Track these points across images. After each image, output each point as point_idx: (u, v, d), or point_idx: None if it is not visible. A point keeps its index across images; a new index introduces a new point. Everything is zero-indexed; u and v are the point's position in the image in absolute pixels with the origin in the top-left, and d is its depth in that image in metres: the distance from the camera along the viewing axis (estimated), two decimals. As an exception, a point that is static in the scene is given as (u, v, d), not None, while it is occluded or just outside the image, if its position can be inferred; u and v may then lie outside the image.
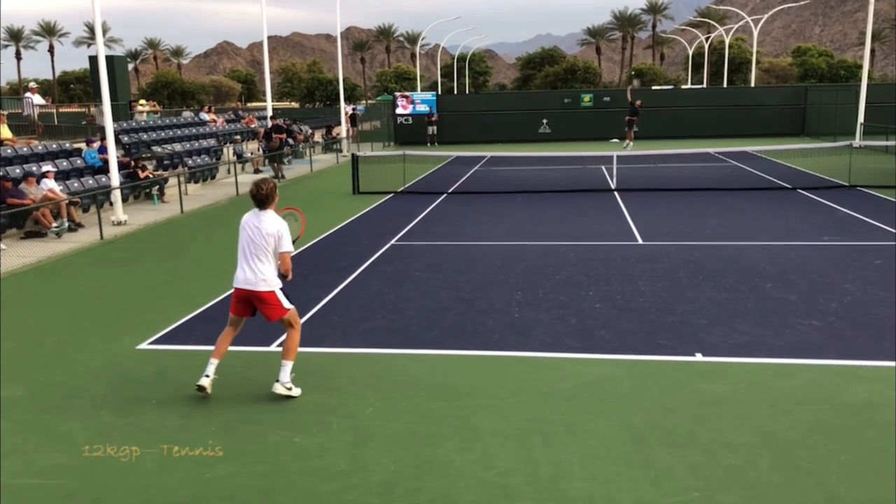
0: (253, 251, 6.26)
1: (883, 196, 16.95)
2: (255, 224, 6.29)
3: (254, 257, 6.26)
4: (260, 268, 6.26)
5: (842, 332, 7.73)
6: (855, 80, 58.09)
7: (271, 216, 6.34)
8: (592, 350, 7.39)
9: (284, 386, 6.30)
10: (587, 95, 39.68)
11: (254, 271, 6.26)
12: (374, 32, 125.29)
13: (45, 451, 5.55)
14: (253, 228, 6.29)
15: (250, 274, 6.27)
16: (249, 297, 6.35)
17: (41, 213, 14.38)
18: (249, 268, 6.28)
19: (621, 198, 17.60)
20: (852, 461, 5.08)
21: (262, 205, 6.34)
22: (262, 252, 6.25)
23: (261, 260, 6.26)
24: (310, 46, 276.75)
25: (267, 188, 6.36)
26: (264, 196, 6.32)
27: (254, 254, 6.26)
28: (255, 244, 6.25)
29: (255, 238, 6.25)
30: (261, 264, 6.26)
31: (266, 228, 6.24)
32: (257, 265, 6.25)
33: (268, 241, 6.24)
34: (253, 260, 6.26)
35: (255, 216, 6.34)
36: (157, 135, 25.05)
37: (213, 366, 6.42)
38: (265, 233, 6.23)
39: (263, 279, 6.27)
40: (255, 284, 6.27)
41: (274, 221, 6.31)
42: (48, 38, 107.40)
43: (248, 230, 6.32)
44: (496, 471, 5.07)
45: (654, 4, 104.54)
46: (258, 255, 6.25)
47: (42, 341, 8.17)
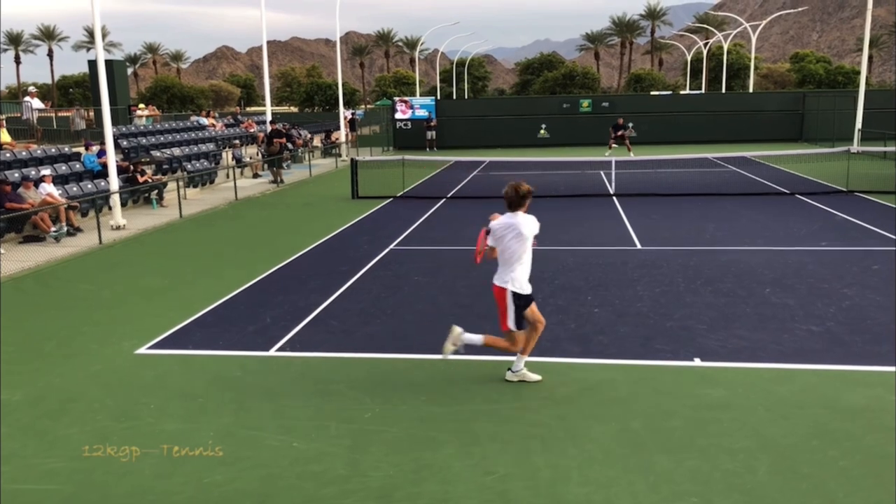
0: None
1: (880, 201, 16.98)
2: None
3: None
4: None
5: (840, 336, 7.74)
6: (853, 86, 58.26)
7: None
8: (591, 355, 7.40)
9: (516, 374, 6.55)
10: (586, 101, 39.75)
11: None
12: (374, 37, 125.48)
13: (43, 455, 5.54)
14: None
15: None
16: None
17: (40, 218, 14.39)
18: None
19: (620, 203, 17.62)
20: (851, 466, 5.08)
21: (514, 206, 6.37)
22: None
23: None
24: (309, 51, 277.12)
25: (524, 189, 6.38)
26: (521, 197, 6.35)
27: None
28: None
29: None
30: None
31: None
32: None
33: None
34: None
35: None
36: (157, 139, 25.08)
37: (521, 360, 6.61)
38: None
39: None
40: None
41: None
42: (47, 42, 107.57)
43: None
44: (495, 475, 5.07)
45: (653, 10, 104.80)
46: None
47: (40, 345, 8.16)
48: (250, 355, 7.60)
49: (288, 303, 9.51)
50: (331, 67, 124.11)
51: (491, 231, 6.59)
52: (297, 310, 9.17)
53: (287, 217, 17.38)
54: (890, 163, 23.23)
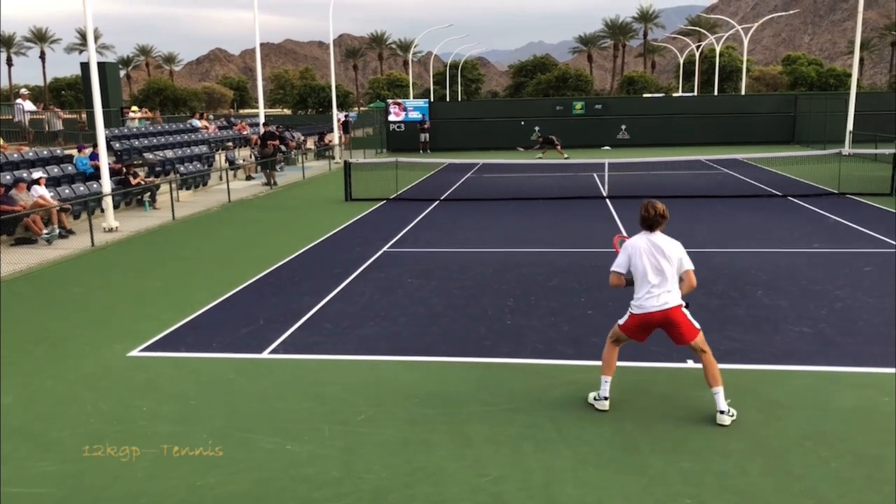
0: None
1: (872, 203, 17.06)
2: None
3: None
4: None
5: (832, 338, 7.78)
6: (844, 89, 58.59)
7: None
8: (584, 357, 7.40)
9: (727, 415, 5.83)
10: (579, 103, 39.83)
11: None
12: (367, 40, 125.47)
13: (36, 458, 5.51)
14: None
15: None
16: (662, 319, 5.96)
17: (32, 220, 14.32)
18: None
19: (613, 205, 17.66)
20: (843, 467, 5.10)
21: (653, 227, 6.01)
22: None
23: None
24: (302, 53, 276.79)
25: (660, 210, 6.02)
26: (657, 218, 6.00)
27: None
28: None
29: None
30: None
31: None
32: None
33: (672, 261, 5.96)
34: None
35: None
36: (149, 141, 25.01)
37: (607, 384, 6.15)
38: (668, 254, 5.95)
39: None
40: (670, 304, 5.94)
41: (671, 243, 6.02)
42: (39, 44, 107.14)
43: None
44: (488, 477, 5.07)
45: (646, 13, 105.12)
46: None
47: (32, 348, 8.12)
48: (243, 358, 7.58)
49: (281, 305, 9.50)
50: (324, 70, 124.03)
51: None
52: (290, 312, 9.15)
53: (280, 219, 17.35)
54: (881, 165, 23.34)
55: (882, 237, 13.09)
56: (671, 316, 5.91)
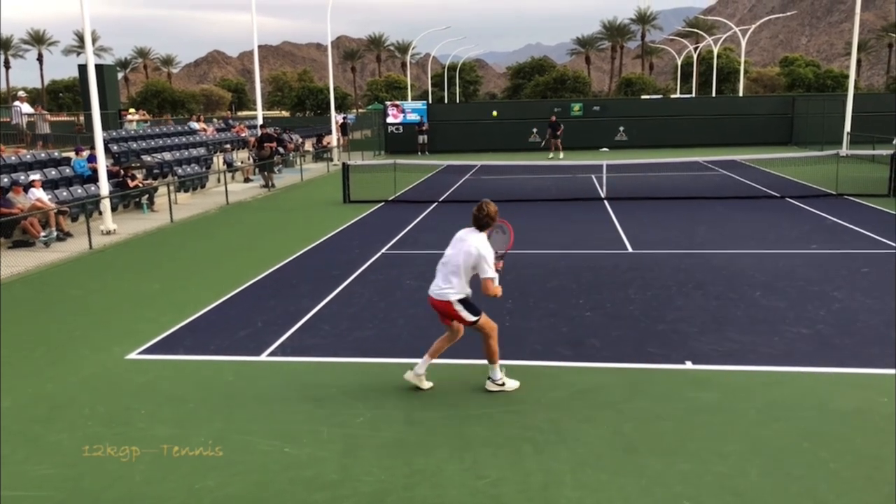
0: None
1: (869, 204, 17.09)
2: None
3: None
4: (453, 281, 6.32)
5: (830, 339, 7.78)
6: (841, 90, 58.67)
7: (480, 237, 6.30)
8: (583, 358, 7.40)
9: (496, 383, 6.48)
10: (577, 105, 39.85)
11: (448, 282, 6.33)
12: (365, 42, 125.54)
13: (34, 462, 5.50)
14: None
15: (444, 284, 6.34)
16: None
17: (29, 223, 14.31)
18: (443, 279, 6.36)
19: (611, 206, 17.66)
20: (841, 468, 5.10)
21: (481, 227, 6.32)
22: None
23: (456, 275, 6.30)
24: (300, 55, 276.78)
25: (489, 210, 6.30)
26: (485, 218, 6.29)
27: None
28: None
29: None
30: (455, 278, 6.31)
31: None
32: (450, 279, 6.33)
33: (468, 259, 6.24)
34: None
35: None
36: (147, 143, 24.99)
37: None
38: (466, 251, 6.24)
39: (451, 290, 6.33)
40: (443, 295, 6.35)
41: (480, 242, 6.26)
42: (37, 46, 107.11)
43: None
44: (487, 480, 5.07)
45: (643, 14, 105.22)
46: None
47: (30, 351, 8.11)
48: (241, 360, 7.57)
49: (279, 307, 9.49)
50: (322, 72, 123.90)
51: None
52: (288, 314, 9.14)
53: (278, 221, 17.34)
54: (878, 166, 23.38)
55: (880, 238, 13.11)
56: (442, 307, 6.36)
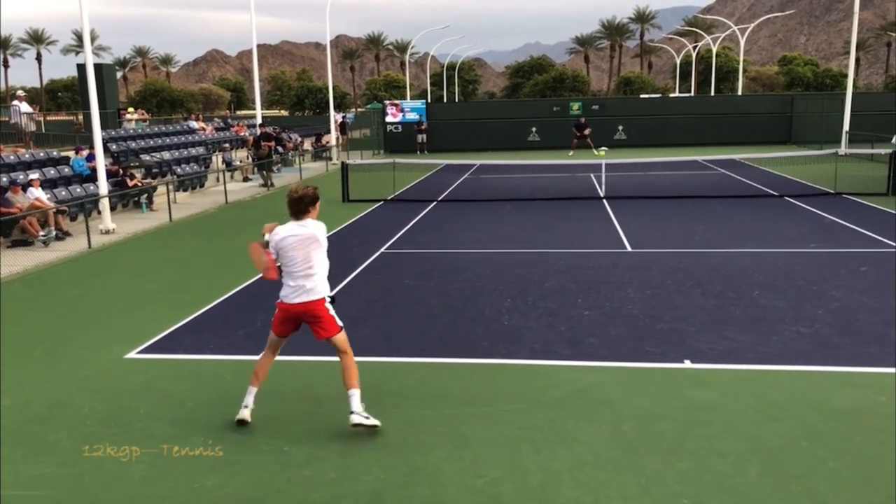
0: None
1: (868, 203, 17.10)
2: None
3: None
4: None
5: (829, 338, 7.79)
6: (840, 89, 58.65)
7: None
8: (582, 357, 7.40)
9: (360, 415, 5.70)
10: (576, 104, 39.85)
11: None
12: (364, 41, 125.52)
13: (32, 461, 5.50)
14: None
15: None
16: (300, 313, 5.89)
17: (28, 222, 14.29)
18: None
19: (610, 205, 17.67)
20: (840, 467, 5.11)
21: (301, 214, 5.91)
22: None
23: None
24: (299, 55, 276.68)
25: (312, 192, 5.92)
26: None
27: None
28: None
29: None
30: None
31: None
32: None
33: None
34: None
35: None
36: (146, 143, 24.98)
37: (251, 395, 5.98)
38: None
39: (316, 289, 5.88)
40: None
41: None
42: (36, 45, 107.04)
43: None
44: (486, 479, 5.07)
45: (642, 14, 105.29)
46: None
47: (29, 351, 8.10)
48: (240, 359, 7.56)
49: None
50: (321, 71, 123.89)
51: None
52: (287, 314, 9.12)
53: (277, 220, 17.29)
54: (877, 165, 23.38)
55: (879, 237, 13.12)
56: (312, 309, 5.80)
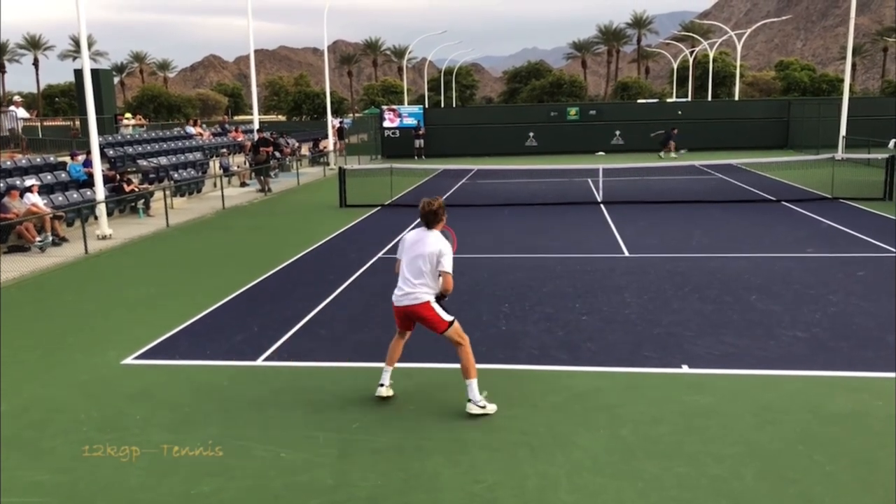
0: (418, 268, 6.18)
1: (865, 208, 17.13)
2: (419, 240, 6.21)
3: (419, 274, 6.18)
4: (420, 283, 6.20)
5: (826, 342, 7.80)
6: (837, 94, 58.81)
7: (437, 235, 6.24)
8: (579, 362, 7.40)
9: (477, 405, 6.13)
10: (573, 109, 39.94)
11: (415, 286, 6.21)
12: (362, 46, 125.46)
13: (27, 467, 5.48)
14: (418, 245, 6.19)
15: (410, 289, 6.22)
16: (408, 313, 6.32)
17: (25, 228, 14.28)
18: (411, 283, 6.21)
19: (607, 210, 17.69)
20: (837, 471, 5.11)
21: (430, 224, 6.23)
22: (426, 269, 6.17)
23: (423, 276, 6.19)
24: (297, 60, 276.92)
25: (437, 204, 6.24)
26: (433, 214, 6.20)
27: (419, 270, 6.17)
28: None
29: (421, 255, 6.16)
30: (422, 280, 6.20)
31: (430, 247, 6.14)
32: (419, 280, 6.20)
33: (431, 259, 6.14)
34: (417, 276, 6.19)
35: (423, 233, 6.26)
36: (143, 148, 24.97)
37: (387, 373, 6.53)
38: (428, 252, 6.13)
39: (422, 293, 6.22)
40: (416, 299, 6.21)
41: (438, 240, 6.18)
42: (33, 51, 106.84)
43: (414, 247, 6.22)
44: (483, 484, 5.06)
45: (639, 19, 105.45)
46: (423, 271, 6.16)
47: (25, 356, 8.09)
48: (238, 365, 7.56)
49: (275, 312, 9.48)
50: (319, 76, 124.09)
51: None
52: (284, 319, 9.13)
53: (274, 226, 17.33)
54: (874, 170, 23.42)
55: (875, 242, 13.14)
56: (419, 311, 6.21)
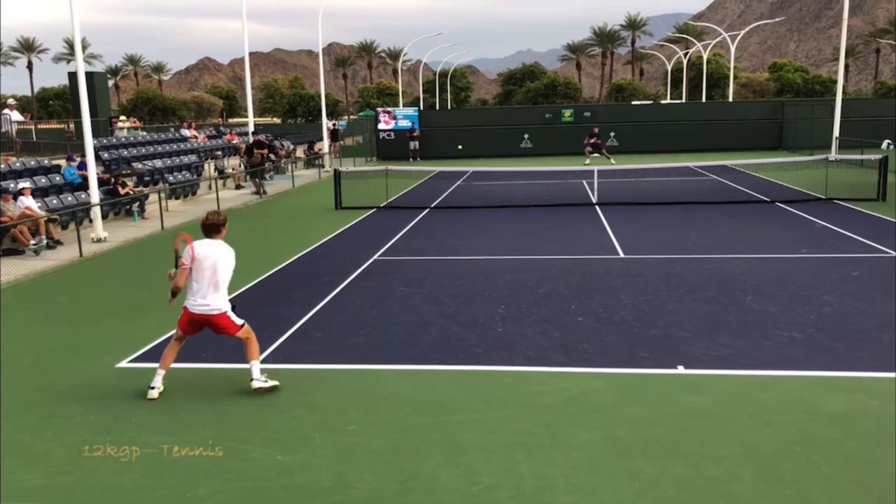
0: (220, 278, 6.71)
1: (858, 208, 17.20)
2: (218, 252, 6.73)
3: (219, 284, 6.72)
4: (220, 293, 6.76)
5: (821, 343, 7.82)
6: (830, 95, 59.03)
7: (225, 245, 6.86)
8: (576, 364, 7.41)
9: (260, 381, 6.76)
10: (568, 111, 40.02)
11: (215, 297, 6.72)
12: (356, 48, 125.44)
13: (23, 471, 5.46)
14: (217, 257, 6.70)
15: (211, 300, 6.70)
16: (204, 321, 6.80)
17: (19, 231, 14.22)
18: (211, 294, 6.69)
19: (602, 212, 17.72)
20: (833, 472, 5.12)
21: (212, 234, 6.82)
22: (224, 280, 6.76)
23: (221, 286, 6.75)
24: (292, 62, 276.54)
25: (222, 217, 6.92)
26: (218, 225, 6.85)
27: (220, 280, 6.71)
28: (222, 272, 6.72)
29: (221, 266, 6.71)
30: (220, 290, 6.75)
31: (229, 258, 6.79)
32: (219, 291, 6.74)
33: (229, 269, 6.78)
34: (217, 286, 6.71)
35: (215, 245, 6.78)
36: (138, 151, 24.92)
37: (159, 377, 6.83)
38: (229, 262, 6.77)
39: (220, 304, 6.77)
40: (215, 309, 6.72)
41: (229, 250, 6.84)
42: (27, 54, 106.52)
43: (211, 259, 6.68)
44: (481, 485, 5.06)
45: (633, 21, 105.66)
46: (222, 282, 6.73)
47: (20, 360, 8.05)
48: (233, 367, 7.54)
49: (271, 314, 9.46)
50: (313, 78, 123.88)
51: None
52: (280, 321, 9.12)
53: (269, 228, 17.31)
54: (867, 170, 23.51)
55: (870, 242, 13.19)
56: (216, 320, 6.74)
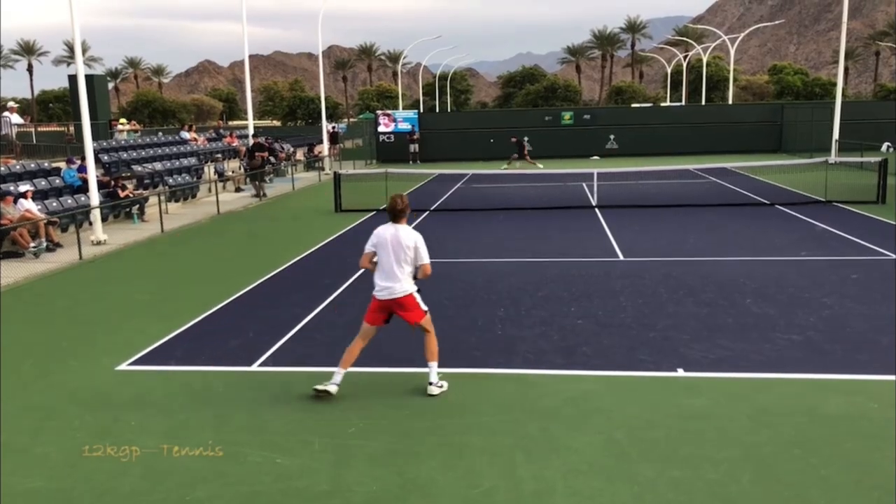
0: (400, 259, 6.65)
1: (858, 211, 17.20)
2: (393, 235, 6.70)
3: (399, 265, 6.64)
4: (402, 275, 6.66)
5: (820, 345, 7.82)
6: (830, 98, 59.09)
7: (407, 228, 6.81)
8: (575, 366, 7.41)
9: (436, 386, 6.71)
10: (567, 113, 40.04)
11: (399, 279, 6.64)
12: (356, 51, 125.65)
13: (21, 474, 5.45)
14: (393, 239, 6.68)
15: (396, 283, 6.65)
16: (391, 305, 6.72)
17: (19, 233, 14.23)
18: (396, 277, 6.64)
19: (602, 214, 17.72)
20: (832, 474, 5.12)
21: (397, 218, 6.78)
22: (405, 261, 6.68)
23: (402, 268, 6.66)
24: (292, 65, 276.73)
25: (404, 202, 6.83)
26: (401, 210, 6.77)
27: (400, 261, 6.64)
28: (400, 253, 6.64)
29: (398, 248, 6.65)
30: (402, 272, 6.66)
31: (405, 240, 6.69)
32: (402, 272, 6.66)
33: (408, 251, 6.68)
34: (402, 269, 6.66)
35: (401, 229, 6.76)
36: (138, 153, 24.93)
37: (339, 375, 6.72)
38: (405, 244, 6.67)
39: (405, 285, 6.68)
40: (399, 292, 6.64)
41: (411, 233, 6.78)
42: (27, 56, 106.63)
43: (394, 242, 6.67)
44: (480, 489, 5.05)
45: (633, 23, 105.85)
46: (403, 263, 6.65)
47: (19, 363, 8.05)
48: (233, 370, 7.54)
49: (271, 317, 9.46)
50: (313, 81, 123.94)
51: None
52: (279, 324, 9.12)
53: (269, 231, 17.31)
54: (867, 173, 23.53)
55: (869, 245, 13.19)
56: (403, 302, 6.70)
